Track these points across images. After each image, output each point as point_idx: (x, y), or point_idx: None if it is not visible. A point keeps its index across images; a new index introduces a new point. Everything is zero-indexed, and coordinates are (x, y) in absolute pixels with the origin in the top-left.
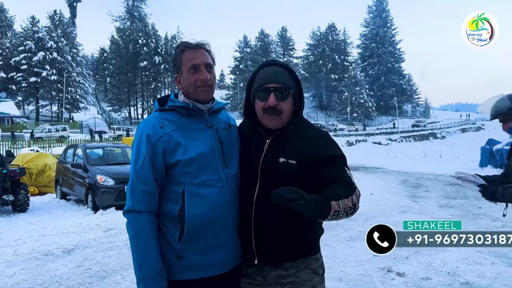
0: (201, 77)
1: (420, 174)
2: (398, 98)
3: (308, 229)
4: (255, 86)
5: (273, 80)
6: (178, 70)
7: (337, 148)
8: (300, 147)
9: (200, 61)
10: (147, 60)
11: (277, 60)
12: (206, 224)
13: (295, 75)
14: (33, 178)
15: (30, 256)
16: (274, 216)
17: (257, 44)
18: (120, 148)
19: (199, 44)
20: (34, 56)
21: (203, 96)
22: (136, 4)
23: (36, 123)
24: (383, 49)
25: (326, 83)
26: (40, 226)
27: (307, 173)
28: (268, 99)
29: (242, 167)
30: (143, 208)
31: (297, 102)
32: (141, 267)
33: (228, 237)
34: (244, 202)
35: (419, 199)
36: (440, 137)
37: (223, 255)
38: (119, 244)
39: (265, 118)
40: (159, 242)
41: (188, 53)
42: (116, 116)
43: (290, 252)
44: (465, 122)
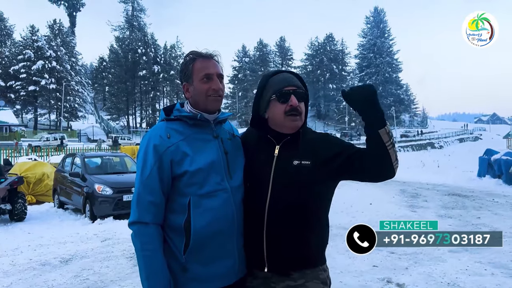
0: (213, 86)
1: (418, 184)
2: (396, 108)
3: (317, 236)
4: (271, 91)
5: (291, 83)
6: (188, 78)
7: (345, 141)
8: (311, 147)
9: (213, 71)
10: (146, 69)
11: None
12: (211, 235)
13: (304, 82)
14: (30, 187)
15: (27, 266)
16: (286, 222)
17: (255, 54)
18: (119, 157)
19: (212, 54)
20: (33, 65)
21: (213, 105)
22: (136, 14)
23: (34, 131)
24: (380, 59)
25: (324, 92)
26: (38, 235)
27: (321, 172)
28: (289, 100)
29: (251, 175)
30: (150, 220)
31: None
32: (149, 280)
33: (233, 249)
34: (254, 209)
35: (418, 209)
36: (438, 147)
37: (228, 267)
38: (117, 254)
39: (288, 121)
40: (164, 254)
41: (201, 62)
42: (115, 124)
43: (299, 260)
44: (462, 132)
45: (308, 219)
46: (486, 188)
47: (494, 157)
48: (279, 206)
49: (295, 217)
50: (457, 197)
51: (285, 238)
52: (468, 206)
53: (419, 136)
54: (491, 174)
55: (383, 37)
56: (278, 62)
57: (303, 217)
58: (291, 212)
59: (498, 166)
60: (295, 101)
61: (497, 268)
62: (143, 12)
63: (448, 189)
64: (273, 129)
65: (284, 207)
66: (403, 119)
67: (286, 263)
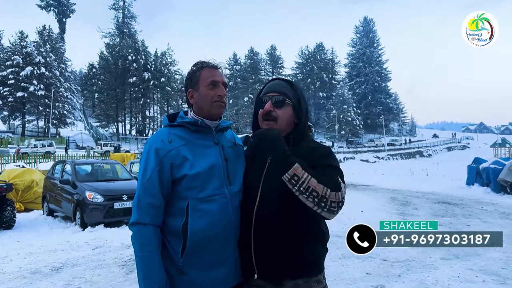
0: (219, 92)
1: (408, 192)
2: (385, 116)
3: (310, 244)
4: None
5: (271, 90)
6: (194, 85)
7: (334, 160)
8: (303, 157)
9: (220, 79)
10: (136, 76)
11: (281, 77)
12: (208, 240)
13: (299, 91)
14: (19, 194)
15: (17, 274)
16: (273, 230)
17: (246, 62)
18: (109, 164)
19: (218, 64)
20: (22, 71)
21: (217, 111)
22: (126, 21)
23: (22, 138)
24: (370, 68)
25: (315, 101)
26: (27, 243)
27: None
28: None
29: (245, 181)
30: (149, 221)
31: (299, 115)
32: (145, 280)
33: (230, 254)
34: (244, 214)
35: (408, 216)
36: (427, 155)
37: (225, 272)
38: (108, 262)
39: (263, 125)
40: (162, 257)
41: (208, 71)
42: (104, 131)
43: (290, 268)
44: (451, 140)
45: (296, 228)
46: (475, 196)
47: (483, 165)
48: (266, 214)
49: (282, 226)
50: (446, 205)
51: (273, 246)
52: (457, 214)
53: (407, 145)
54: (479, 182)
55: (372, 47)
56: (269, 70)
57: (290, 225)
58: (278, 220)
59: (486, 175)
60: (267, 106)
61: (488, 275)
62: (134, 19)
63: (437, 197)
64: None
65: (271, 215)
66: (392, 128)
67: (276, 272)
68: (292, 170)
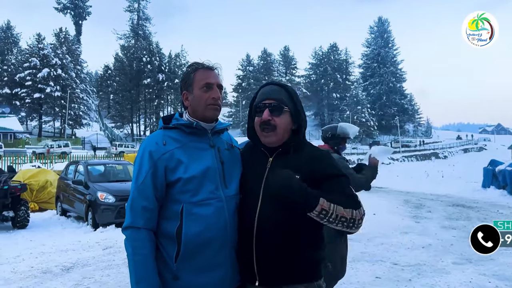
0: (213, 95)
1: (422, 194)
2: (400, 117)
3: (311, 249)
4: (253, 105)
5: (268, 97)
6: (188, 87)
7: (339, 169)
8: (302, 164)
9: (214, 81)
10: (151, 78)
11: (275, 81)
12: (203, 244)
13: (294, 95)
14: (34, 194)
15: (28, 273)
16: (276, 234)
17: (259, 63)
18: (122, 165)
19: (213, 66)
20: (39, 73)
21: (211, 114)
22: (141, 23)
23: (39, 138)
24: (384, 69)
25: (328, 101)
26: (40, 243)
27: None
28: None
29: (244, 186)
30: (142, 225)
31: (297, 121)
32: (138, 284)
33: (225, 259)
34: (245, 220)
35: (422, 219)
36: (442, 157)
37: (219, 277)
38: (118, 262)
39: (262, 135)
40: (156, 261)
41: (202, 72)
42: (119, 132)
43: (292, 274)
44: (467, 142)
45: (298, 233)
46: (491, 199)
47: (499, 168)
48: (268, 219)
49: (284, 231)
50: (461, 208)
51: (275, 252)
52: (472, 217)
53: (421, 147)
54: (495, 185)
55: (387, 47)
56: (282, 71)
57: (292, 231)
58: (280, 226)
59: (502, 177)
60: (265, 115)
61: (501, 281)
62: (149, 21)
63: (452, 199)
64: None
65: (273, 220)
66: (407, 129)
67: (277, 277)
68: (319, 206)
